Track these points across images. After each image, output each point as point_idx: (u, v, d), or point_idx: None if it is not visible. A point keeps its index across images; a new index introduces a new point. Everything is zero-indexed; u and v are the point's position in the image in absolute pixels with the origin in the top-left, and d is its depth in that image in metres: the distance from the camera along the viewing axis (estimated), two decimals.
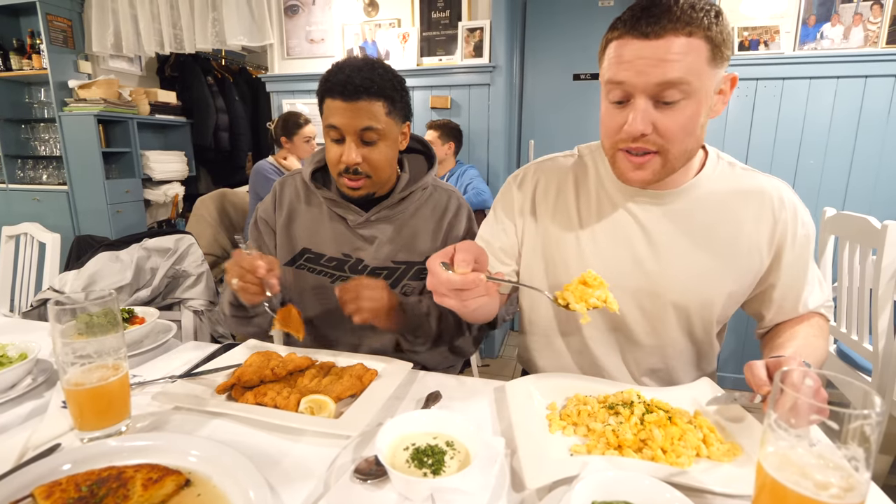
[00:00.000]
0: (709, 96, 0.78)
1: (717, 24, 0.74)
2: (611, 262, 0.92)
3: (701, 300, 0.91)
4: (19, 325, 1.21)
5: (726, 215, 0.89)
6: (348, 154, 1.03)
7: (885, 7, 2.23)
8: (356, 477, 0.61)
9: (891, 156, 2.32)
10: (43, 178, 3.64)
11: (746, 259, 0.90)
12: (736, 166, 0.93)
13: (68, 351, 0.68)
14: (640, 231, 0.91)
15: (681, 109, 0.76)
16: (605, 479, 0.55)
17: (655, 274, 0.90)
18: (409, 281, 1.15)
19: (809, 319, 0.93)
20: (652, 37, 0.73)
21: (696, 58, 0.74)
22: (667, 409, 0.74)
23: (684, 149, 0.81)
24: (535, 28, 3.16)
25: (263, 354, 0.89)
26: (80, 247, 1.99)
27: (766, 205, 0.89)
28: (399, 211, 1.14)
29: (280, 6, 3.11)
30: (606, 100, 0.82)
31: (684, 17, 0.72)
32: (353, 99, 1.00)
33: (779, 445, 0.47)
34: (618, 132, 0.80)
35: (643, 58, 0.74)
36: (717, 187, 0.90)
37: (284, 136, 2.74)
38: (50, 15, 3.22)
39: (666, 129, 0.77)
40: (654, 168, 0.81)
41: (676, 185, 0.90)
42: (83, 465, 0.60)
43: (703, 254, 0.89)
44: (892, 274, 1.51)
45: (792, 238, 0.89)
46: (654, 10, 0.73)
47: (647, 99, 0.76)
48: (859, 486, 0.43)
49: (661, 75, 0.73)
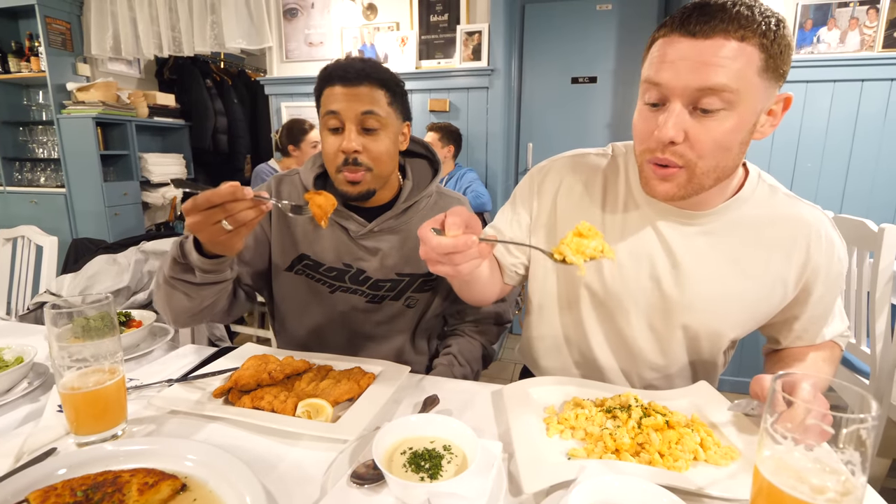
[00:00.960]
0: (754, 112, 0.71)
1: (776, 32, 0.67)
2: (628, 276, 0.89)
3: (714, 328, 0.88)
4: (16, 329, 1.20)
5: (757, 244, 0.84)
6: (348, 141, 0.97)
7: (880, 11, 2.24)
8: (353, 481, 0.60)
9: (887, 159, 2.33)
10: (41, 181, 3.64)
11: (770, 291, 0.86)
12: (778, 191, 0.86)
13: (64, 354, 0.67)
14: (663, 251, 0.87)
15: (719, 121, 0.70)
16: (602, 484, 0.55)
17: (672, 296, 0.87)
18: (413, 293, 1.13)
19: (822, 346, 0.92)
20: (700, 36, 0.67)
21: (745, 65, 0.67)
22: (664, 412, 0.74)
23: (716, 165, 0.74)
24: (533, 31, 3.18)
25: (261, 358, 0.89)
26: (77, 250, 1.99)
27: (802, 237, 0.83)
28: (403, 221, 1.10)
29: (279, 9, 3.11)
30: (642, 100, 0.76)
31: (739, 19, 0.66)
32: (354, 84, 0.96)
33: (775, 449, 0.47)
34: (648, 137, 0.75)
35: (686, 58, 0.68)
36: (752, 212, 0.84)
37: (291, 143, 2.74)
38: (49, 18, 3.23)
39: (698, 139, 0.71)
40: (679, 182, 0.76)
41: (710, 206, 0.84)
42: (79, 469, 0.60)
43: (726, 283, 0.85)
44: (889, 277, 1.51)
45: (825, 275, 0.84)
46: (708, 7, 0.67)
47: (683, 104, 0.70)
48: (855, 490, 0.43)
49: (703, 80, 0.67)
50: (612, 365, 0.97)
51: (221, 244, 0.79)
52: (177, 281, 0.88)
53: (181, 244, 0.86)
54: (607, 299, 0.91)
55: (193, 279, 0.87)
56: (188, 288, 0.89)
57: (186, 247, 0.84)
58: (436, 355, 1.21)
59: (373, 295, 1.12)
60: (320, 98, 1.01)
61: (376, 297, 1.12)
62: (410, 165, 1.17)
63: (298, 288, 1.12)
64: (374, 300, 1.12)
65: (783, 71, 0.71)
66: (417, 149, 1.19)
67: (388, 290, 1.11)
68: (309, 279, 1.12)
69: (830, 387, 0.54)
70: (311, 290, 1.12)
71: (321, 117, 1.01)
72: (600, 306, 0.93)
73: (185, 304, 0.91)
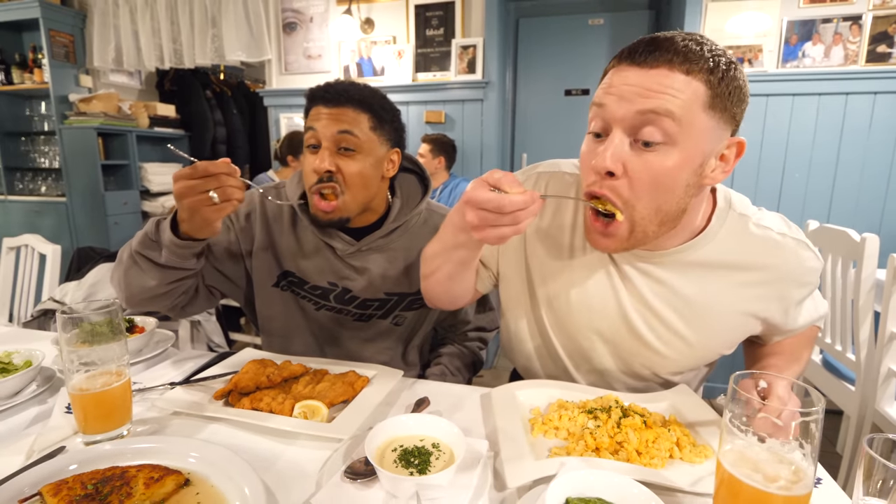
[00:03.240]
0: (700, 152, 0.68)
1: (726, 72, 0.66)
2: (597, 309, 0.87)
3: (684, 367, 0.89)
4: (21, 335, 1.24)
5: (726, 279, 0.80)
6: (321, 160, 0.95)
7: (863, 27, 2.31)
8: (347, 476, 0.64)
9: (872, 169, 2.39)
10: (42, 190, 3.68)
11: (742, 328, 0.85)
12: (749, 219, 0.81)
13: (74, 358, 0.71)
14: (625, 289, 0.85)
15: (660, 156, 0.67)
16: (580, 477, 0.59)
17: (638, 337, 0.86)
18: (401, 312, 1.13)
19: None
20: (645, 66, 0.67)
21: (690, 98, 0.65)
22: (643, 413, 0.78)
23: (657, 208, 0.70)
24: (527, 45, 3.25)
25: (259, 362, 0.92)
26: (80, 258, 2.03)
27: (775, 278, 0.80)
28: (392, 240, 1.08)
29: (278, 23, 3.18)
30: (588, 129, 0.75)
31: (686, 53, 0.66)
32: (335, 105, 0.96)
33: (735, 444, 0.51)
34: (588, 171, 0.72)
35: (630, 85, 0.67)
36: (720, 252, 0.80)
37: (291, 154, 2.80)
38: (52, 30, 3.29)
39: (637, 175, 0.68)
40: (620, 236, 0.73)
41: (668, 247, 0.80)
42: (88, 465, 0.63)
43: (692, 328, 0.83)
44: (872, 285, 1.55)
45: (799, 297, 0.83)
46: (657, 40, 0.68)
47: (624, 133, 0.69)
48: (805, 477, 0.47)
49: (643, 104, 0.66)
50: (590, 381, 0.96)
51: (200, 220, 0.81)
52: (140, 257, 0.89)
53: (157, 222, 0.88)
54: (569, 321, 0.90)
55: (158, 259, 0.88)
56: (149, 266, 0.89)
57: (162, 225, 0.86)
58: (427, 364, 1.23)
59: (360, 314, 1.11)
60: (307, 116, 1.01)
61: (364, 316, 1.11)
62: (399, 182, 1.14)
63: (286, 304, 1.11)
64: (361, 318, 1.12)
65: (734, 113, 0.69)
66: (407, 164, 1.16)
67: (377, 309, 1.11)
68: (295, 295, 1.11)
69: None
70: (298, 307, 1.11)
71: (304, 137, 1.01)
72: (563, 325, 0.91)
73: (142, 282, 0.91)
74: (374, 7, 3.01)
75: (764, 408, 0.48)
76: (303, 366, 0.94)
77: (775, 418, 0.48)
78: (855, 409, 1.63)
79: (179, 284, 0.95)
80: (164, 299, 0.97)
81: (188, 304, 1.05)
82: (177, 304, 1.01)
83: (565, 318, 0.90)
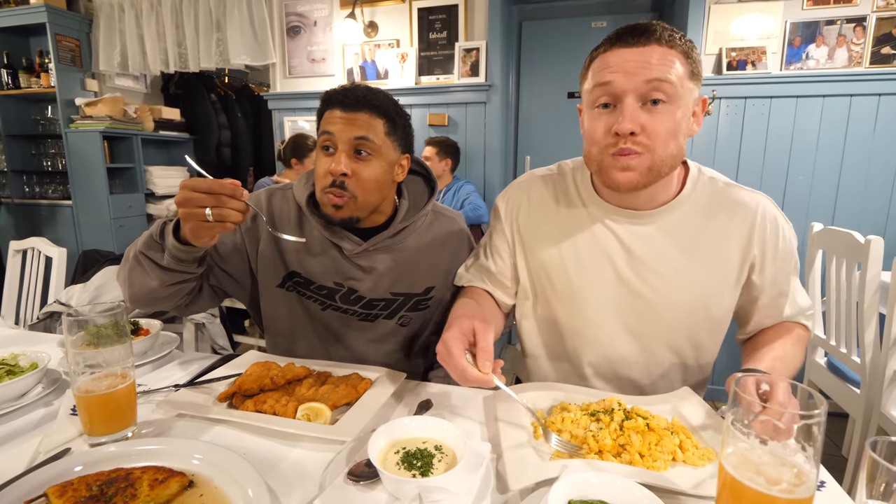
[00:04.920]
0: (687, 110, 0.84)
1: (692, 48, 0.83)
2: (594, 277, 0.96)
3: (682, 314, 0.94)
4: (27, 337, 1.25)
5: (707, 231, 0.92)
6: (337, 163, 0.97)
7: (867, 29, 2.30)
8: (349, 479, 0.64)
9: (876, 171, 2.38)
10: (48, 193, 3.70)
11: (727, 273, 0.93)
12: (718, 181, 0.95)
13: (79, 360, 0.72)
14: (620, 248, 0.94)
15: (667, 112, 0.81)
16: (582, 480, 0.59)
17: (637, 290, 0.94)
18: (406, 312, 1.13)
19: (790, 330, 0.96)
20: (637, 45, 0.80)
21: (676, 68, 0.81)
22: (646, 416, 0.78)
23: (669, 153, 0.84)
24: (530, 48, 3.25)
25: (263, 365, 0.93)
26: (86, 261, 2.04)
27: (748, 220, 0.91)
28: (399, 240, 1.09)
29: (282, 27, 3.20)
30: (592, 107, 0.86)
31: (664, 35, 0.81)
32: (352, 109, 0.97)
33: (737, 447, 0.51)
34: (606, 135, 0.83)
35: (630, 61, 0.80)
36: (696, 206, 0.93)
37: (295, 157, 2.81)
38: (59, 35, 3.31)
39: (653, 129, 0.81)
40: (641, 168, 0.83)
41: (654, 205, 0.93)
42: (93, 467, 0.64)
43: (684, 271, 0.92)
44: (877, 287, 1.54)
45: (773, 252, 0.92)
46: (638, 26, 0.82)
47: (635, 99, 0.81)
48: (808, 480, 0.47)
49: (650, 74, 0.79)
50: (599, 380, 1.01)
51: (196, 231, 0.83)
52: (144, 257, 0.92)
53: (163, 224, 0.91)
54: (574, 296, 0.98)
55: (160, 260, 0.91)
56: (152, 267, 0.92)
57: (166, 229, 0.89)
58: (431, 367, 1.23)
59: (366, 314, 1.12)
60: (321, 120, 1.02)
61: (369, 316, 1.12)
62: (407, 184, 1.16)
63: (290, 305, 1.12)
64: (366, 318, 1.12)
65: (700, 74, 0.85)
66: (414, 166, 1.17)
67: (382, 309, 1.12)
68: (300, 296, 1.11)
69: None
70: (303, 307, 1.12)
71: (318, 137, 1.02)
72: (570, 303, 0.99)
73: (145, 282, 0.93)
74: (378, 10, 3.03)
75: (764, 410, 0.48)
76: (306, 368, 0.95)
77: (777, 421, 0.48)
78: (860, 412, 1.62)
79: (181, 287, 0.97)
80: (167, 300, 0.99)
81: (191, 303, 1.06)
82: (180, 303, 1.03)
83: (565, 287, 0.99)
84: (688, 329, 0.96)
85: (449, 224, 1.16)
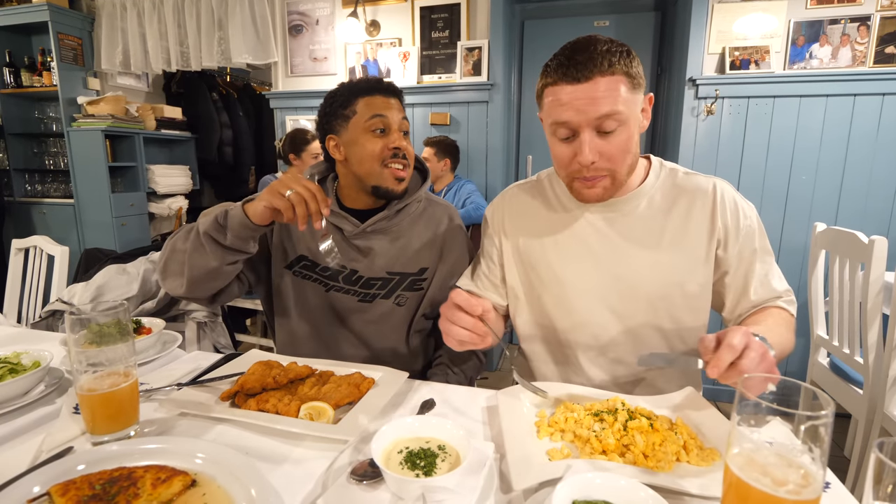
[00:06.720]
0: (637, 118, 0.90)
1: (630, 61, 0.86)
2: (575, 265, 1.02)
3: (658, 290, 0.98)
4: (29, 336, 1.25)
5: (671, 215, 0.99)
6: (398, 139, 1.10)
7: (871, 28, 2.30)
8: (352, 478, 0.64)
9: (880, 171, 2.37)
10: (50, 192, 3.71)
11: (695, 252, 0.98)
12: (678, 171, 1.03)
13: (82, 359, 0.72)
14: (596, 235, 1.01)
15: (619, 135, 0.88)
16: (586, 480, 0.58)
17: (615, 272, 1.00)
18: (402, 291, 1.20)
19: (773, 313, 0.97)
20: (582, 80, 0.84)
21: (620, 91, 0.85)
22: (649, 415, 0.77)
23: (628, 164, 0.92)
24: (533, 47, 3.25)
25: (265, 364, 0.93)
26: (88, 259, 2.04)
27: (707, 202, 0.98)
28: (395, 223, 1.18)
29: (284, 25, 3.20)
30: (555, 137, 0.92)
31: (605, 64, 0.83)
32: (393, 96, 1.13)
33: (743, 447, 0.50)
34: (570, 163, 0.91)
35: (579, 98, 0.85)
36: (660, 193, 1.00)
37: (293, 153, 2.81)
38: (61, 34, 3.32)
39: (610, 154, 0.89)
40: (605, 185, 0.93)
41: (623, 194, 1.00)
42: (96, 465, 0.63)
43: (654, 251, 0.98)
44: (880, 288, 1.54)
45: (735, 228, 0.97)
46: (579, 57, 0.84)
47: (590, 131, 0.87)
48: (815, 482, 0.47)
49: (598, 110, 0.84)
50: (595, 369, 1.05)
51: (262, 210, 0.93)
52: (208, 238, 0.98)
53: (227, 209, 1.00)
54: (561, 285, 1.04)
55: (223, 241, 0.98)
56: (214, 248, 0.99)
57: (233, 211, 0.98)
58: (430, 364, 1.25)
59: (364, 293, 1.18)
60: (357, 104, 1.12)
61: (368, 296, 1.19)
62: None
63: (297, 287, 1.20)
64: (365, 299, 1.19)
65: (642, 83, 0.89)
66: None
67: (379, 289, 1.18)
68: (306, 279, 1.19)
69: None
70: (309, 289, 1.20)
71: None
72: (557, 292, 1.04)
73: (205, 262, 1.00)
74: (380, 9, 3.02)
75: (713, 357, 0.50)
76: (308, 367, 0.95)
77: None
78: (863, 412, 1.61)
79: (234, 267, 1.04)
80: (220, 279, 1.05)
81: (223, 290, 1.11)
82: (217, 288, 1.08)
83: (551, 278, 1.04)
84: (666, 306, 0.99)
85: (443, 210, 1.26)
